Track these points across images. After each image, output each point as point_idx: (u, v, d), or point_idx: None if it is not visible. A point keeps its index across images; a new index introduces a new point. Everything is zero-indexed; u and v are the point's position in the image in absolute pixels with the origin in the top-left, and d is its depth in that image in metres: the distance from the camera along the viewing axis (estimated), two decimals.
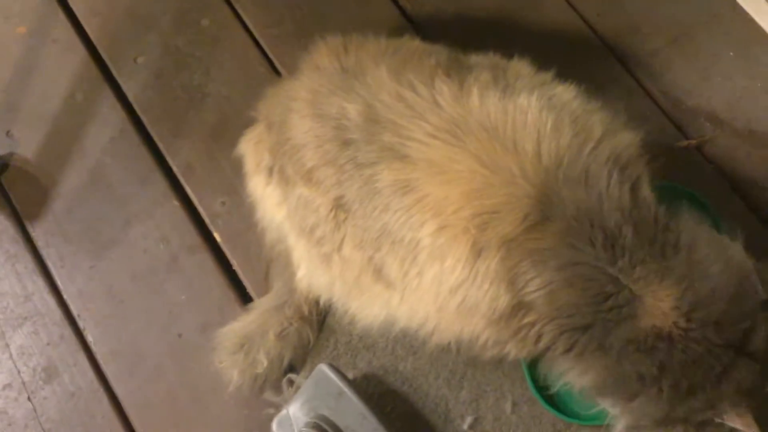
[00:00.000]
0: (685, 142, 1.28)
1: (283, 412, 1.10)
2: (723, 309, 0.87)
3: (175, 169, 1.33)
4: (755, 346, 0.89)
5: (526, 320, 0.90)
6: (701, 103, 1.30)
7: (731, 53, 1.33)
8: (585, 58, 1.34)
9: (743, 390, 0.89)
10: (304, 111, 0.99)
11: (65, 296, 1.27)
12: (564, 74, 1.00)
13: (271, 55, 1.40)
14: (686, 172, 1.24)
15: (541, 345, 0.91)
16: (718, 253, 0.89)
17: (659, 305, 0.87)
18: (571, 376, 0.93)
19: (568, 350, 0.90)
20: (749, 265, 0.90)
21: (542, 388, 1.11)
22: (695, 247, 0.89)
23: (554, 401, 1.12)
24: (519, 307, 0.90)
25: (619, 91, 1.31)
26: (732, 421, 0.90)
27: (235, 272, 1.27)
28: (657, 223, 0.89)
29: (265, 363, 1.13)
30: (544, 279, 0.87)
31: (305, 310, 1.16)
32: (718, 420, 0.91)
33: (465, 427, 1.14)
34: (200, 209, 1.31)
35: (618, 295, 0.87)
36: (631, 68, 1.34)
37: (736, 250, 0.91)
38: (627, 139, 0.93)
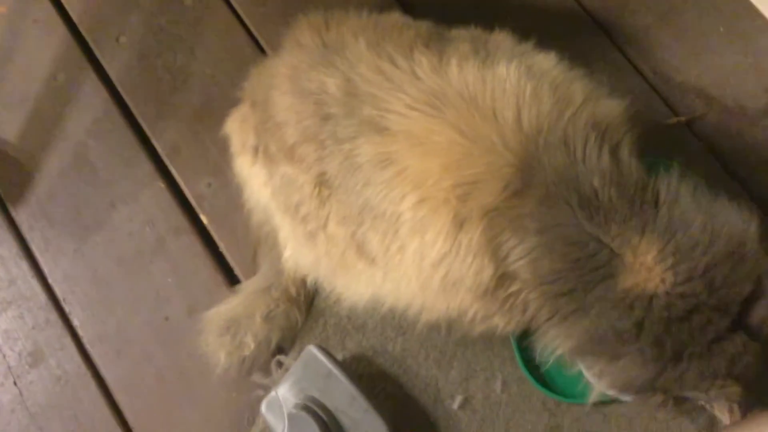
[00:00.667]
0: (674, 119, 1.27)
1: (272, 393, 1.10)
2: (711, 263, 0.85)
3: (160, 150, 1.32)
4: (757, 319, 0.86)
5: (511, 290, 0.89)
6: (691, 79, 1.29)
7: (721, 29, 1.32)
8: (574, 34, 1.33)
9: (738, 372, 0.86)
10: (285, 87, 0.97)
11: (50, 280, 1.26)
12: (553, 50, 0.98)
13: (256, 34, 1.37)
14: (675, 149, 1.24)
15: (528, 314, 0.90)
16: (701, 205, 0.87)
17: (641, 260, 0.85)
18: (557, 344, 0.92)
19: (551, 317, 0.89)
20: (748, 224, 0.87)
21: (532, 367, 1.11)
22: (676, 202, 0.87)
23: (544, 380, 1.12)
24: (503, 278, 0.89)
25: (608, 67, 1.29)
26: (721, 413, 0.88)
27: (222, 254, 1.25)
28: (637, 183, 0.88)
29: (252, 345, 1.13)
30: (525, 246, 0.86)
31: (293, 291, 1.15)
32: (706, 405, 0.89)
33: (455, 406, 1.13)
34: (186, 191, 1.29)
35: (598, 254, 0.86)
36: (620, 45, 1.32)
37: (728, 207, 0.88)
38: (609, 107, 0.92)
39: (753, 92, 1.28)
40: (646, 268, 0.85)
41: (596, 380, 0.94)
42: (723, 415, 0.88)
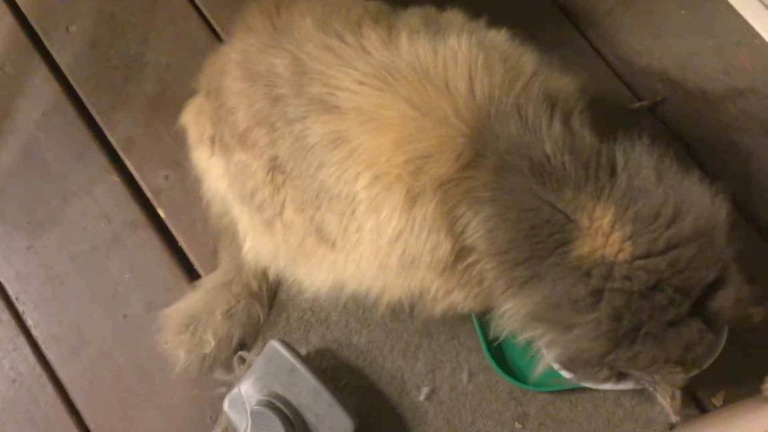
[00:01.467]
0: (637, 104, 1.27)
1: (235, 390, 1.07)
2: (675, 239, 0.83)
3: (114, 142, 1.28)
4: (716, 309, 0.85)
5: (468, 261, 0.88)
6: (653, 63, 1.29)
7: (682, 12, 1.32)
8: (536, 18, 1.31)
9: (688, 360, 0.86)
10: (236, 72, 0.95)
11: (2, 279, 1.22)
12: (515, 34, 0.96)
13: (212, 21, 1.34)
14: (638, 133, 1.23)
15: (485, 285, 0.89)
16: (666, 177, 0.85)
17: (597, 225, 0.83)
18: (513, 313, 0.90)
19: (508, 287, 0.88)
20: (719, 208, 0.85)
21: (498, 356, 1.10)
22: (636, 169, 0.85)
23: (510, 369, 1.11)
24: (461, 252, 0.87)
25: (570, 52, 1.29)
26: (663, 396, 0.87)
27: (182, 249, 1.22)
28: (591, 149, 0.86)
29: (213, 343, 1.10)
30: (480, 217, 0.85)
31: (254, 285, 1.13)
32: (648, 386, 0.88)
33: (421, 398, 1.12)
34: (142, 184, 1.25)
35: (553, 221, 0.84)
36: (583, 29, 1.31)
37: (697, 186, 0.86)
38: (560, 81, 0.91)
39: (714, 75, 1.28)
40: (603, 233, 0.83)
41: (546, 350, 0.92)
42: (665, 401, 0.86)
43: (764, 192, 1.21)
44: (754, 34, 1.29)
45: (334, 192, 0.89)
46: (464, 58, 0.87)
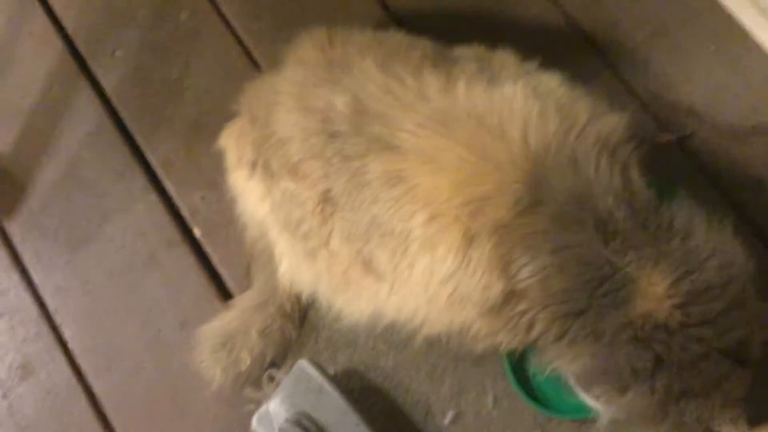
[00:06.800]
0: (665, 137, 1.28)
1: (263, 408, 1.09)
2: (721, 310, 0.86)
3: (153, 163, 1.32)
4: (750, 356, 0.89)
5: (518, 308, 0.89)
6: (681, 97, 1.31)
7: (712, 47, 1.33)
8: (565, 52, 1.34)
9: (734, 398, 0.89)
10: (290, 104, 0.98)
11: (41, 292, 1.26)
12: (545, 68, 0.99)
13: (251, 49, 1.38)
14: (667, 167, 1.25)
15: (534, 333, 0.90)
16: (715, 245, 0.88)
17: (653, 289, 0.86)
18: (561, 364, 0.92)
19: (560, 337, 0.89)
20: (748, 264, 0.89)
21: (523, 383, 1.11)
22: (691, 234, 0.88)
23: (535, 395, 1.12)
24: (512, 295, 0.89)
25: (599, 85, 1.30)
26: (728, 430, 0.89)
27: (215, 268, 1.25)
28: (649, 205, 0.88)
29: (248, 361, 1.12)
30: (537, 264, 0.87)
31: (288, 307, 1.15)
32: (715, 429, 0.90)
33: (446, 422, 1.13)
34: (179, 204, 1.29)
35: (613, 278, 0.86)
36: (612, 62, 1.34)
37: (734, 243, 0.89)
38: (613, 122, 0.93)
39: (742, 111, 1.29)
40: (657, 297, 0.86)
41: (604, 407, 0.93)
42: (727, 428, 0.89)
43: None
44: None
45: (387, 228, 0.92)
46: (519, 107, 0.90)
